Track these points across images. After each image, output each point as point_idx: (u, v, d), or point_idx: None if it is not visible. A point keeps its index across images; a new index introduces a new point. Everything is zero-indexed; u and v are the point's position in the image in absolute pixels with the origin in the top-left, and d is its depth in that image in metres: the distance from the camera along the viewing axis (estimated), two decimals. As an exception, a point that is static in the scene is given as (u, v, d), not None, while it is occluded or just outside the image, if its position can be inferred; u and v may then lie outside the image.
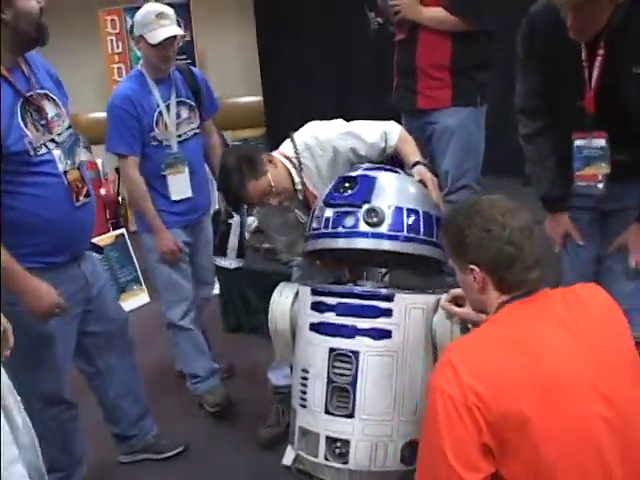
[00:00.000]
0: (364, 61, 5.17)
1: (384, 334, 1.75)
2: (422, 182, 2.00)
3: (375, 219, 1.81)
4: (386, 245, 1.82)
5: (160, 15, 2.46)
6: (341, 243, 1.86)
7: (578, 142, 1.89)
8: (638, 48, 1.73)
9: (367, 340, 1.75)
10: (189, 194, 2.66)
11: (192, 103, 2.66)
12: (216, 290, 3.41)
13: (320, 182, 2.18)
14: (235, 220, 3.60)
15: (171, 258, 2.66)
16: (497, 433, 1.19)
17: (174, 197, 2.63)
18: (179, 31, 2.54)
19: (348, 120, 2.20)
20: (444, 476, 1.22)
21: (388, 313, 1.76)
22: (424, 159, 2.16)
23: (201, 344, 2.82)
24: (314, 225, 1.95)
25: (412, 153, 2.12)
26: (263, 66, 5.89)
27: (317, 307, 1.84)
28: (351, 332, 1.77)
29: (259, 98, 5.49)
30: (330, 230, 1.88)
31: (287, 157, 2.17)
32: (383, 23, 2.87)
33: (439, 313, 1.78)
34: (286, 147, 2.20)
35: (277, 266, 3.14)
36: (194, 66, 5.86)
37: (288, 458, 2.26)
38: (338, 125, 2.18)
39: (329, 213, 1.89)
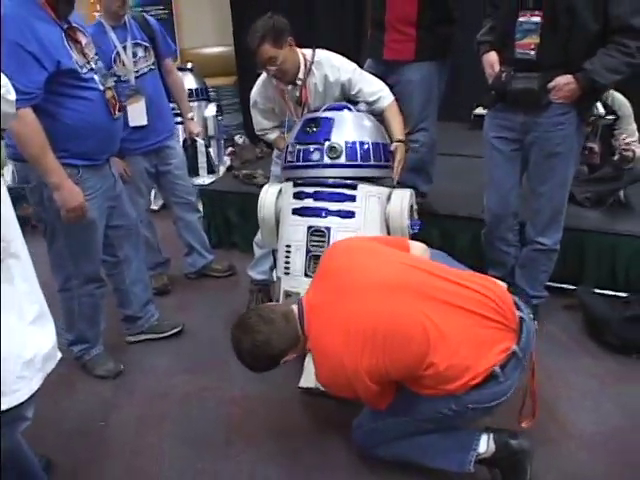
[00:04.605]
0: (329, 13, 5.47)
1: (349, 214, 2.25)
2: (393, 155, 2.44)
3: (334, 154, 2.31)
4: (347, 172, 2.31)
5: None
6: (312, 173, 2.34)
7: (521, 19, 2.34)
8: None
9: (336, 219, 2.25)
10: (144, 122, 3.00)
11: (147, 44, 3.04)
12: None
13: (314, 92, 2.60)
14: (200, 142, 3.98)
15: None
16: None
17: (132, 124, 2.95)
18: None
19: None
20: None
21: (352, 198, 2.26)
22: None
23: (151, 244, 3.34)
24: (289, 158, 2.41)
25: (398, 131, 2.53)
26: (235, 18, 6.19)
27: (298, 195, 2.33)
28: (324, 213, 2.26)
29: (231, 48, 5.69)
30: (302, 163, 2.36)
31: (304, 56, 2.58)
32: None
33: (391, 203, 2.30)
34: (307, 52, 2.60)
35: (254, 189, 3.49)
36: (171, 17, 6.14)
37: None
38: (351, 63, 2.61)
39: (300, 149, 2.36)
